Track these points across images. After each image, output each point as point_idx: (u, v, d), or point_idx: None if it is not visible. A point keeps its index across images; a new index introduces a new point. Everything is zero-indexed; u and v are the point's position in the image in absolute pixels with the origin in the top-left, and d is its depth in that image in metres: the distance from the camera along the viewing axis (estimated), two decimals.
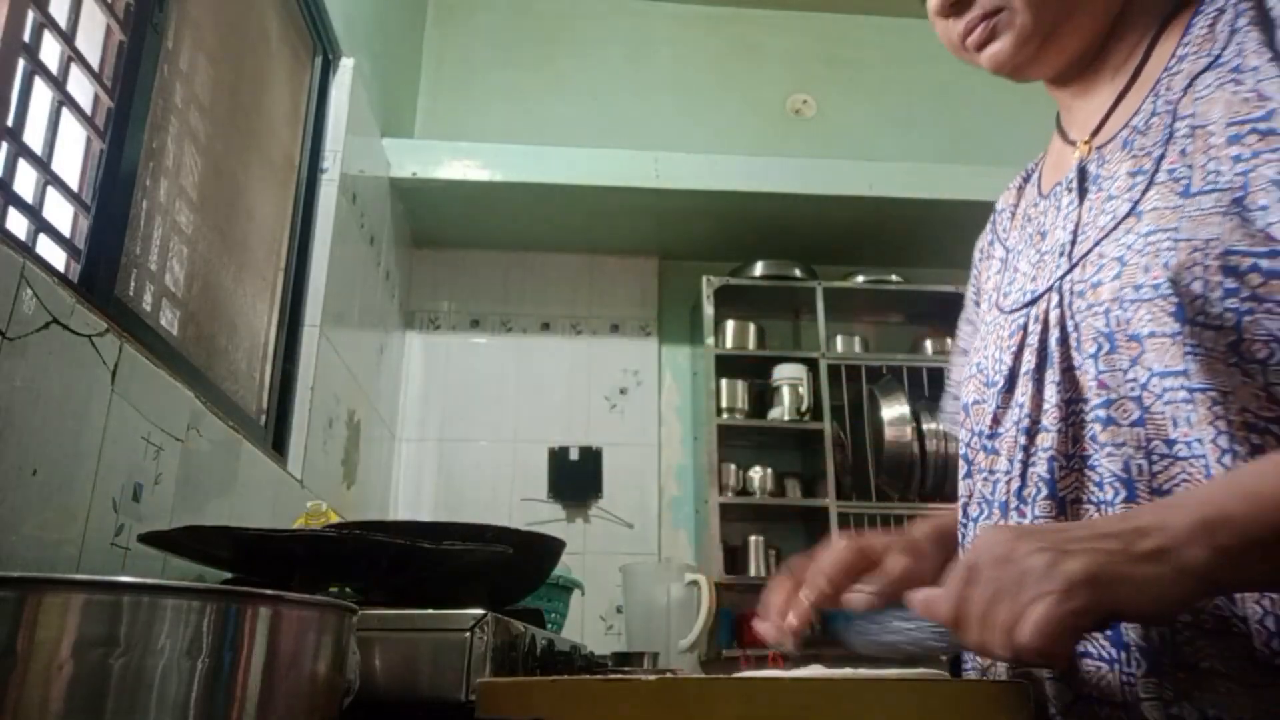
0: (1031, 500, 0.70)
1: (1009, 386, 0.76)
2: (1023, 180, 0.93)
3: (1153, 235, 0.66)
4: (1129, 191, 0.70)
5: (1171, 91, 0.71)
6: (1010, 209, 0.92)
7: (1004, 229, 0.91)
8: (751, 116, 3.44)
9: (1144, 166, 0.70)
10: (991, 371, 0.79)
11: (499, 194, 2.81)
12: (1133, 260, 0.67)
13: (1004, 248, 0.89)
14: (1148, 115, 0.72)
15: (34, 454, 0.96)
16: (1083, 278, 0.71)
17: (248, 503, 1.56)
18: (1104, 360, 0.68)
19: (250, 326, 1.81)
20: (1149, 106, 0.73)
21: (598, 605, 2.80)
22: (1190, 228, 0.64)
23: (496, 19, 3.45)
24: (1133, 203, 0.70)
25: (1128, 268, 0.67)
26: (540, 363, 3.12)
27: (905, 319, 3.22)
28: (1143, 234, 0.67)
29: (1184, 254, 0.64)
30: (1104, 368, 0.68)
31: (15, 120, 1.08)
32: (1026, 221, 0.85)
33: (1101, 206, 0.73)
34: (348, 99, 2.24)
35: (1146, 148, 0.71)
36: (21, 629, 0.45)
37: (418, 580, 0.93)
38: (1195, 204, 0.65)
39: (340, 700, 0.58)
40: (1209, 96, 0.68)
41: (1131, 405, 0.66)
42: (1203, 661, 0.59)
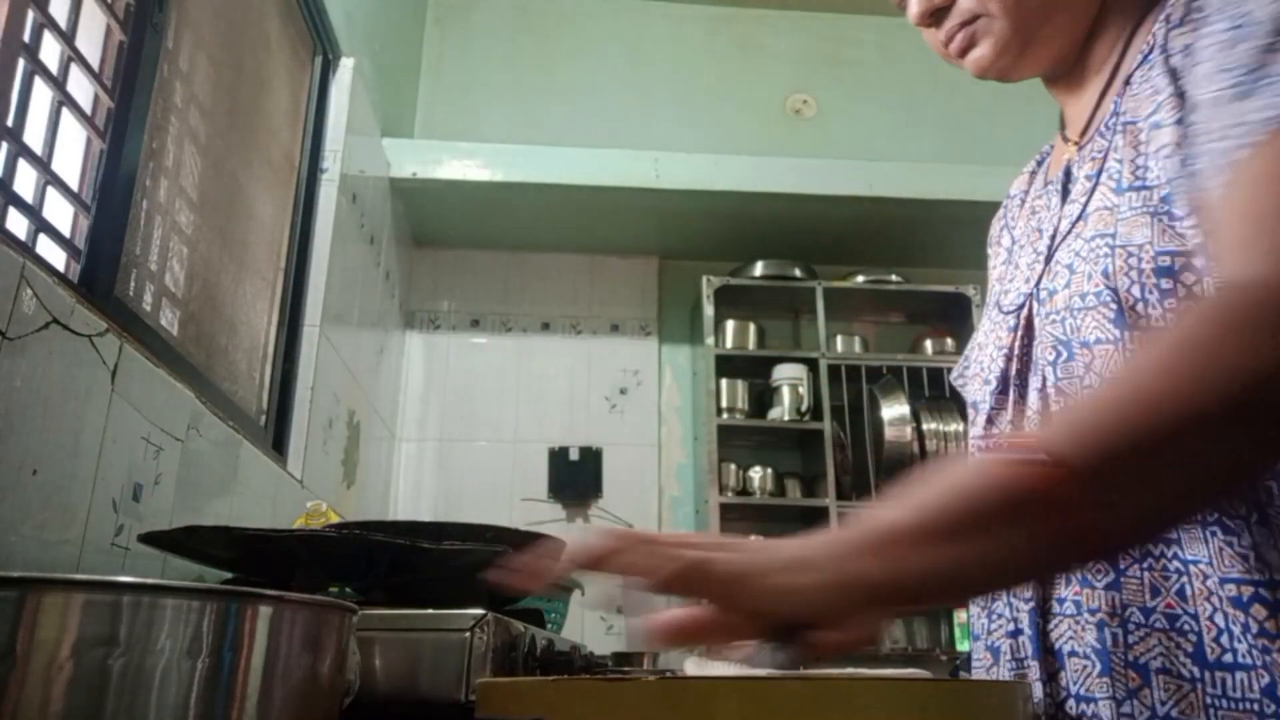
0: None
1: (1001, 389, 0.77)
2: (1036, 164, 0.92)
3: (1094, 240, 0.67)
4: (1084, 195, 0.71)
5: (1120, 89, 0.72)
6: (1021, 195, 0.91)
7: (1013, 216, 0.91)
8: (751, 116, 3.44)
9: (1095, 169, 0.71)
10: (987, 372, 0.80)
11: (499, 194, 2.81)
12: (1080, 267, 0.68)
13: (1010, 236, 0.89)
14: (1110, 115, 0.73)
15: (34, 454, 0.96)
16: (1046, 284, 0.72)
17: (248, 503, 1.56)
18: (1061, 368, 0.69)
19: (250, 326, 1.81)
20: (1110, 105, 0.73)
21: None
22: (1125, 232, 0.65)
23: (496, 19, 3.45)
24: (1082, 206, 0.70)
25: (1076, 275, 0.68)
26: (540, 363, 3.12)
27: (905, 319, 3.22)
28: (1087, 239, 0.68)
29: (1120, 259, 0.64)
30: (1061, 375, 0.68)
31: (15, 120, 1.08)
32: (1031, 213, 0.85)
33: (1066, 211, 0.73)
34: (348, 99, 2.24)
35: (1102, 149, 0.71)
36: (21, 629, 0.45)
37: (418, 580, 0.93)
38: (1126, 202, 0.66)
39: (340, 700, 0.58)
40: (1136, 93, 0.69)
41: None
42: (1152, 660, 0.60)
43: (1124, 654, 0.62)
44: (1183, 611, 0.61)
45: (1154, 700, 0.60)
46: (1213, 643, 0.59)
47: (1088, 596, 0.65)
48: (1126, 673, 0.62)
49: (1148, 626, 0.62)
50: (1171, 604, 0.62)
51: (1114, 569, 0.64)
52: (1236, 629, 0.58)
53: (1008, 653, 0.72)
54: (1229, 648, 0.58)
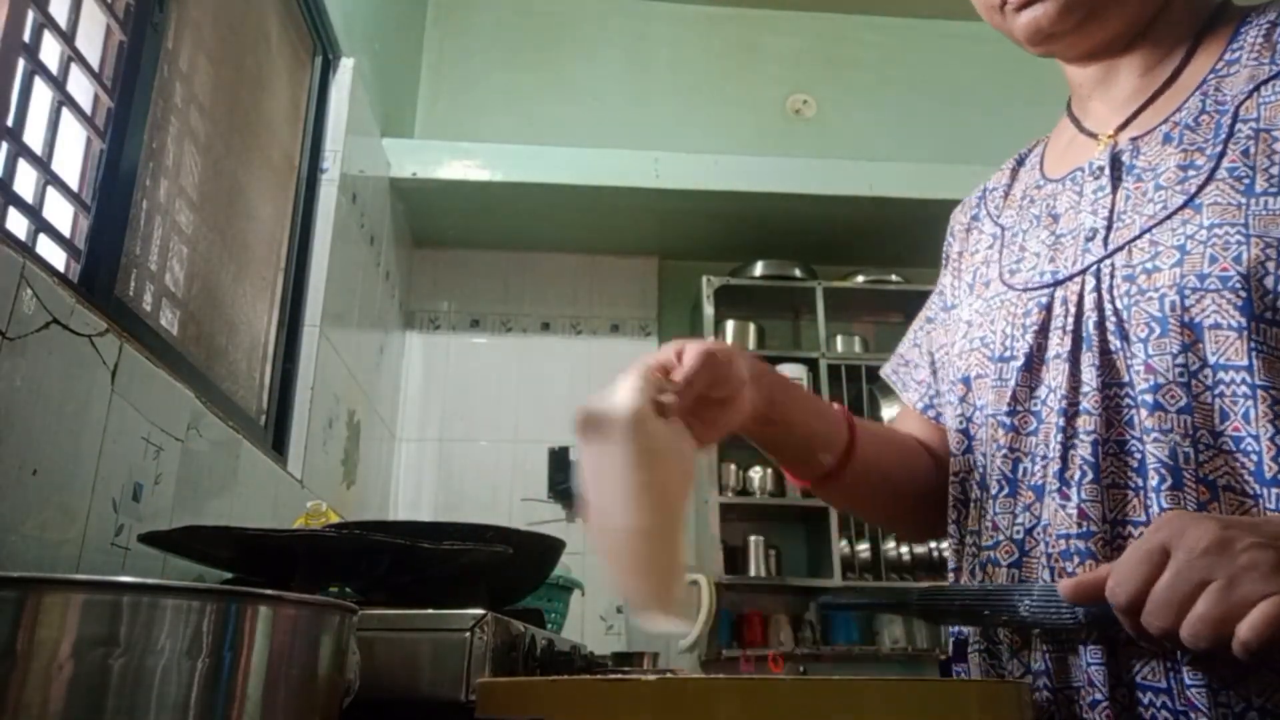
0: (1076, 483, 0.70)
1: (1029, 365, 0.76)
2: (1015, 163, 0.93)
3: (1218, 228, 0.67)
4: (1181, 184, 0.71)
5: (1222, 93, 0.73)
6: (1003, 188, 0.92)
7: (995, 206, 0.91)
8: (751, 116, 3.44)
9: (1197, 161, 0.71)
10: (1000, 347, 0.79)
11: (499, 194, 2.81)
12: (1195, 250, 0.67)
13: (996, 224, 0.89)
14: (1195, 113, 0.73)
15: (34, 454, 0.96)
16: (1130, 262, 0.71)
17: (248, 503, 1.56)
18: (1154, 344, 0.68)
19: (250, 326, 1.81)
20: (1195, 104, 0.74)
21: (598, 605, 2.80)
22: (1260, 225, 0.65)
23: (496, 19, 3.45)
24: (1187, 195, 0.70)
25: (1190, 256, 0.67)
26: (540, 363, 3.12)
27: (905, 319, 3.18)
28: (1205, 225, 0.68)
29: (1256, 249, 0.65)
30: (1153, 352, 0.68)
31: (15, 120, 1.08)
32: (1029, 203, 0.85)
33: (1149, 195, 0.73)
34: (348, 99, 2.24)
35: (1198, 144, 0.72)
36: (21, 629, 0.45)
37: (418, 580, 0.93)
38: (1261, 204, 0.66)
39: (340, 700, 0.58)
40: (1276, 102, 0.70)
41: (1179, 391, 0.67)
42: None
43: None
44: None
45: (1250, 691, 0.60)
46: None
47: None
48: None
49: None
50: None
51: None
52: None
53: None
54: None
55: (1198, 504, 0.64)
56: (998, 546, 0.76)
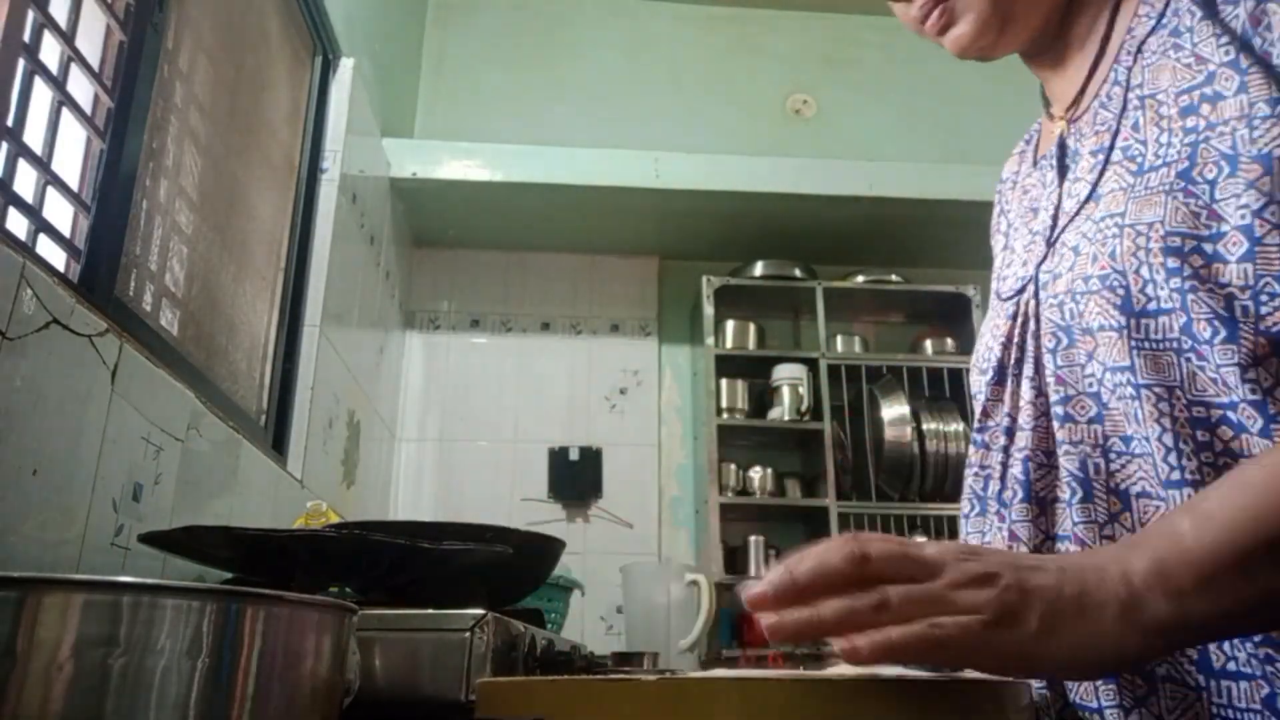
0: (1010, 503, 0.68)
1: (997, 379, 0.74)
2: (1025, 144, 0.89)
3: (1104, 221, 0.64)
4: (1090, 173, 0.68)
5: (1126, 59, 0.68)
6: (1013, 177, 0.88)
7: (1007, 201, 0.87)
8: (751, 116, 3.44)
9: (1104, 143, 0.68)
10: (984, 361, 0.77)
11: (499, 194, 2.81)
12: (1085, 249, 0.65)
13: (1006, 220, 0.86)
14: (1110, 84, 0.69)
15: (34, 454, 0.96)
16: (1049, 268, 0.69)
17: (248, 503, 1.56)
18: (1062, 355, 0.66)
19: (250, 326, 1.81)
20: (1110, 75, 0.69)
21: (598, 605, 2.80)
22: (1135, 211, 0.62)
23: (496, 19, 3.45)
24: (1091, 185, 0.67)
25: (1080, 257, 0.65)
26: (540, 363, 3.12)
27: (905, 319, 3.22)
28: (1096, 220, 0.65)
29: (1128, 240, 0.61)
30: (1061, 363, 0.66)
31: (15, 120, 1.08)
32: (1024, 194, 0.82)
33: (1070, 189, 0.70)
34: (348, 99, 2.24)
35: (1107, 121, 0.68)
36: (21, 629, 0.45)
37: (418, 580, 0.93)
38: (1144, 182, 0.62)
39: (340, 700, 0.58)
40: (1155, 64, 0.65)
41: (1089, 401, 0.64)
42: (1158, 668, 0.59)
43: None
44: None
45: (1161, 709, 0.58)
46: (1216, 650, 0.57)
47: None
48: (1133, 680, 0.60)
49: None
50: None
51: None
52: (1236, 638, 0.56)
53: None
54: (1230, 655, 0.56)
55: (1109, 515, 0.62)
56: None
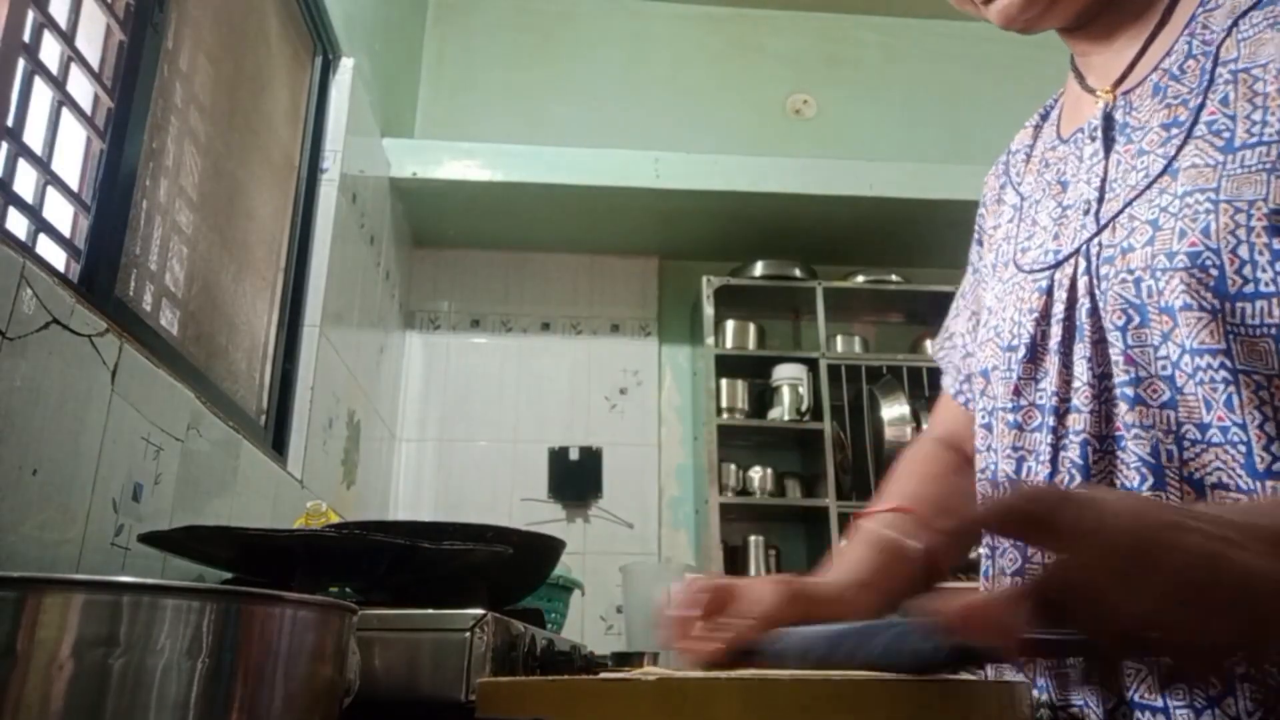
0: (1065, 487, 0.64)
1: (1030, 356, 0.70)
2: (1039, 119, 0.85)
3: (1190, 196, 0.60)
4: (1162, 146, 0.64)
5: (1210, 31, 0.65)
6: (1025, 150, 0.84)
7: (1018, 172, 0.84)
8: (751, 116, 3.44)
9: (1179, 117, 0.64)
10: (1009, 336, 0.72)
11: (499, 194, 2.81)
12: (1167, 224, 0.60)
13: (1017, 193, 0.82)
14: (1182, 57, 0.66)
15: (34, 454, 0.96)
16: (1112, 241, 0.64)
17: (248, 503, 1.56)
18: (1133, 334, 0.62)
19: (250, 326, 1.81)
20: (1183, 47, 0.66)
21: (598, 605, 2.80)
22: (1231, 187, 0.58)
23: (496, 19, 3.45)
24: (1167, 159, 0.63)
25: (1161, 232, 0.61)
26: (540, 363, 3.12)
27: (905, 319, 3.22)
28: (1179, 195, 0.61)
29: (1225, 217, 0.58)
30: (1132, 342, 0.62)
31: (15, 120, 1.08)
32: (1045, 167, 0.78)
33: (1132, 162, 0.66)
34: (348, 99, 2.24)
35: (1182, 95, 0.64)
36: (21, 629, 0.45)
37: (418, 580, 0.93)
38: (1238, 160, 0.59)
39: (340, 700, 0.58)
40: (1256, 37, 0.62)
41: (1162, 385, 0.60)
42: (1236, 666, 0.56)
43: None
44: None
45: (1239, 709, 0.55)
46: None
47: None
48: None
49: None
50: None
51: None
52: None
53: None
54: None
55: None
56: (1004, 554, 0.72)
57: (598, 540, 2.93)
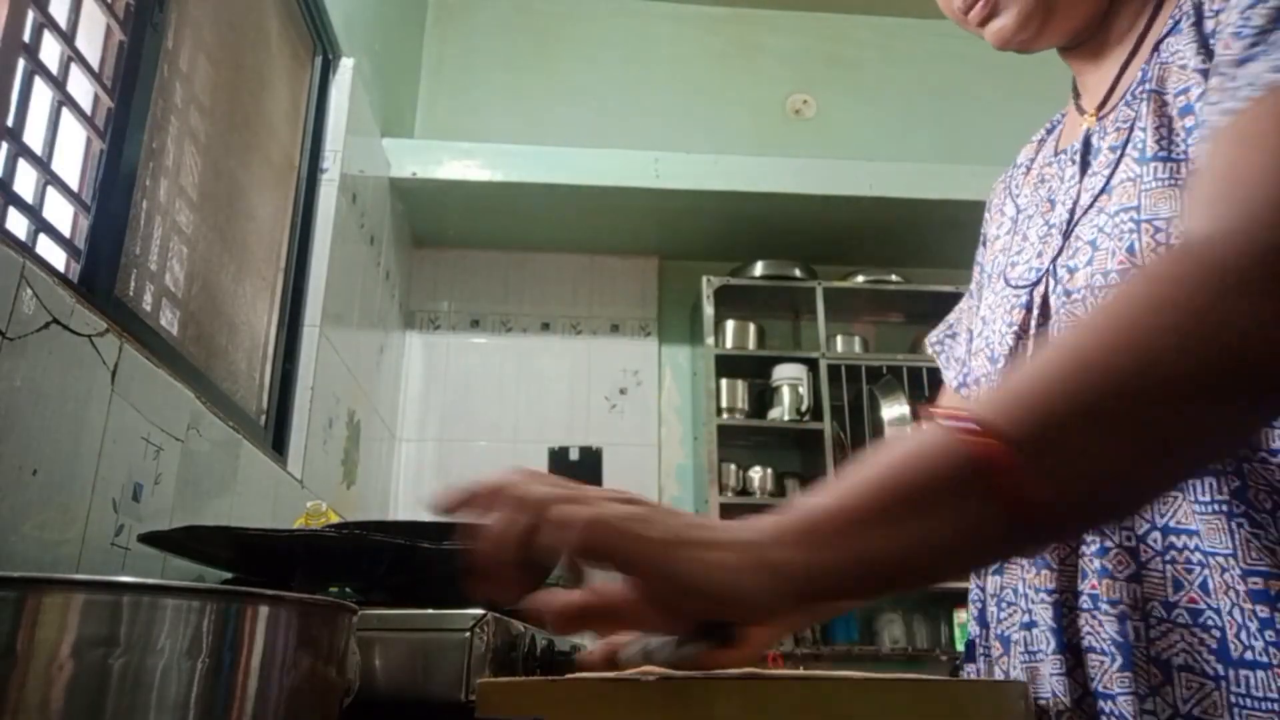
0: None
1: (1011, 368, 0.73)
2: (1045, 133, 0.89)
3: (1119, 215, 0.64)
4: (1107, 167, 0.68)
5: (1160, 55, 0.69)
6: (1027, 163, 0.88)
7: (1018, 185, 0.88)
8: (751, 116, 3.44)
9: (1120, 140, 0.68)
10: (997, 348, 0.76)
11: (499, 194, 2.81)
12: (1104, 244, 0.64)
13: (1015, 205, 0.86)
14: (1136, 84, 0.70)
15: (34, 454, 0.96)
16: (1065, 262, 0.68)
17: (248, 503, 1.56)
18: None
19: (250, 326, 1.81)
20: (1141, 74, 0.70)
21: None
22: (1150, 205, 0.62)
23: (496, 19, 3.45)
24: (1106, 178, 0.67)
25: (1099, 252, 0.65)
26: (540, 363, 3.12)
27: (905, 319, 3.22)
28: (1111, 214, 0.65)
29: (1147, 235, 0.61)
30: None
31: (15, 120, 1.08)
32: (1040, 182, 0.82)
33: (1087, 184, 0.70)
34: (348, 99, 2.24)
35: (1128, 118, 0.69)
36: (21, 629, 0.45)
37: (418, 580, 0.93)
38: (1151, 172, 0.62)
39: (340, 700, 0.58)
40: (1166, 61, 0.66)
41: None
42: (1174, 657, 0.59)
43: (1146, 649, 0.60)
44: (1206, 607, 0.58)
45: (1176, 698, 0.58)
46: (1235, 639, 0.57)
47: (1107, 588, 0.62)
48: (1149, 668, 0.59)
49: (1170, 621, 0.59)
50: (1195, 598, 0.59)
51: (1135, 561, 0.61)
52: (1254, 625, 0.56)
53: (1020, 644, 0.70)
54: (1248, 644, 0.56)
55: None
56: None
57: None
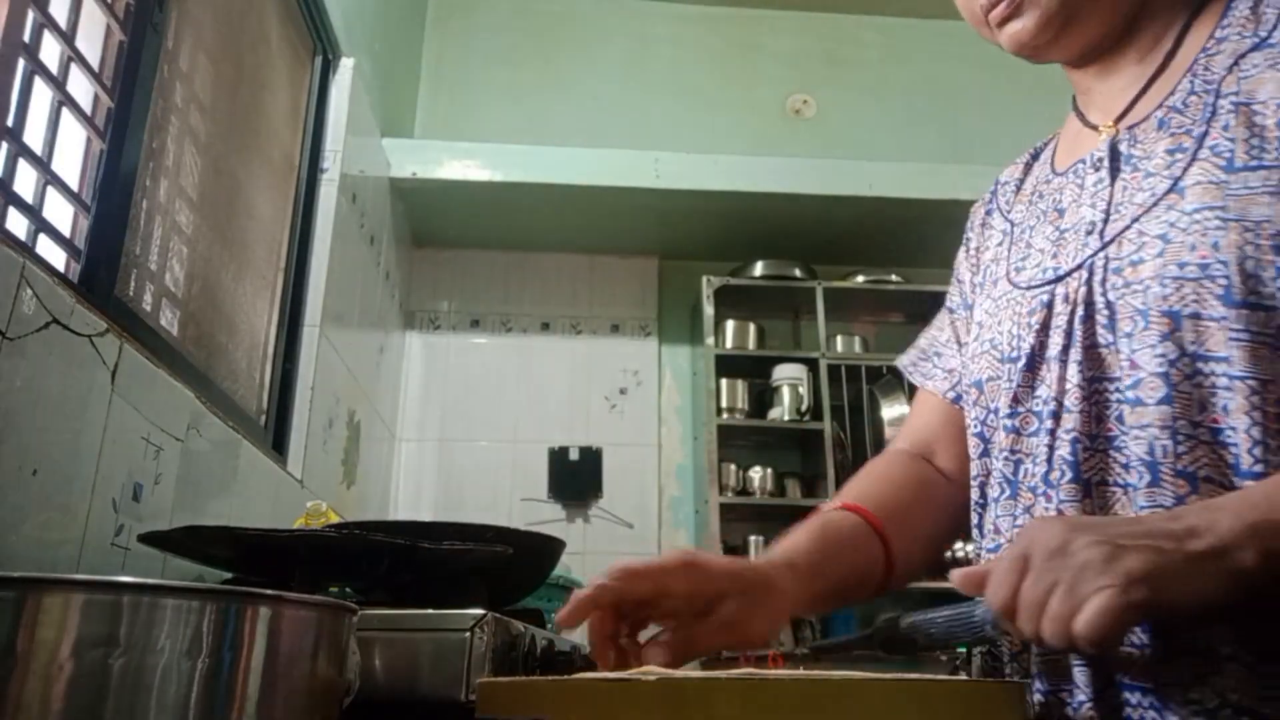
0: (1056, 484, 0.70)
1: (1030, 365, 0.75)
2: (1030, 157, 0.92)
3: (1199, 213, 0.66)
4: (1168, 169, 0.70)
5: (1210, 71, 0.72)
6: (1015, 182, 0.91)
7: (1006, 201, 0.90)
8: (751, 116, 3.44)
9: (1184, 144, 0.70)
10: (1007, 348, 0.78)
11: (499, 194, 2.81)
12: (1177, 238, 0.66)
13: (1006, 219, 0.88)
14: (1185, 95, 0.72)
15: (34, 454, 0.96)
16: (1119, 254, 0.70)
17: (248, 503, 1.56)
18: (1139, 338, 0.67)
19: (250, 326, 1.81)
20: (1186, 86, 0.73)
21: None
22: (1239, 206, 0.64)
23: (496, 19, 3.45)
24: (1173, 179, 0.69)
25: (1171, 245, 0.66)
26: (540, 363, 3.12)
27: (905, 319, 3.22)
28: (1187, 211, 0.66)
29: (1234, 233, 0.63)
30: (1138, 346, 0.67)
31: (15, 120, 1.08)
32: (1038, 198, 0.85)
33: (1140, 184, 0.72)
34: (348, 99, 2.24)
35: (1185, 125, 0.71)
36: (21, 629, 0.45)
37: (418, 580, 0.93)
38: (1241, 180, 0.65)
39: (340, 700, 0.58)
40: (1256, 76, 0.68)
41: (1158, 383, 0.65)
42: (1222, 647, 0.60)
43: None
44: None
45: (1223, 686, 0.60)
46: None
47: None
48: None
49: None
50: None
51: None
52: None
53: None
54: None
55: (1175, 498, 0.64)
56: (999, 549, 0.75)
57: (598, 540, 2.92)
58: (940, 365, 0.97)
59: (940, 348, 0.99)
